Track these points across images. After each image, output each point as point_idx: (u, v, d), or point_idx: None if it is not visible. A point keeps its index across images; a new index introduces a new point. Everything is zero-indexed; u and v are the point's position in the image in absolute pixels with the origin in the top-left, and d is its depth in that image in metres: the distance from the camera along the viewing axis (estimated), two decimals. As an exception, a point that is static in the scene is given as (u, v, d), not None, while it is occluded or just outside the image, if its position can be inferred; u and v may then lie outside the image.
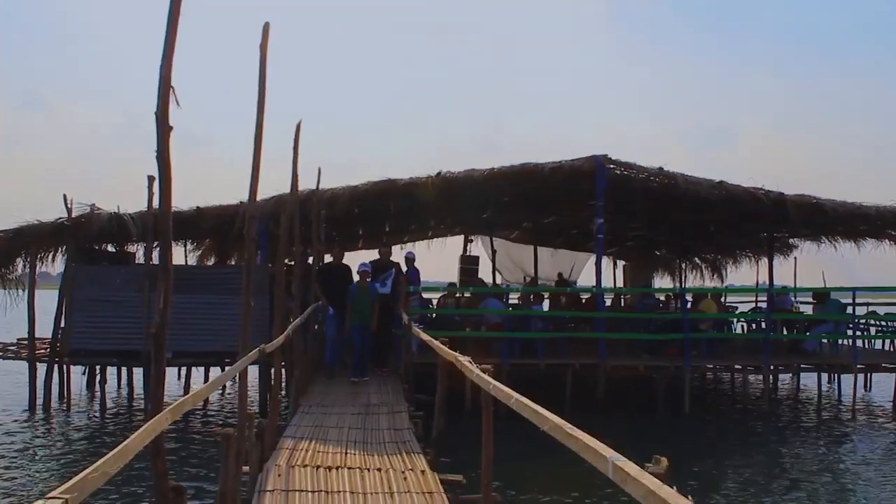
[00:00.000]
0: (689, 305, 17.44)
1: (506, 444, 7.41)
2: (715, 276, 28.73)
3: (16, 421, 14.81)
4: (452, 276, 23.94)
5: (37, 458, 11.99)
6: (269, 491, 6.22)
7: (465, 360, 5.56)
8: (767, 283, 20.94)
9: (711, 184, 15.89)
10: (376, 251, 16.48)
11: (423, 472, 6.80)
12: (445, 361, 6.97)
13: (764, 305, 20.45)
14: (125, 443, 2.88)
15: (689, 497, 1.94)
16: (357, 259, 18.60)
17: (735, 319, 20.84)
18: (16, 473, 10.88)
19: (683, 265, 29.40)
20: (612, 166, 15.65)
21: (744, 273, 27.56)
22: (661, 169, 15.79)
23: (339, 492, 6.22)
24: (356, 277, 13.94)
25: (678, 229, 22.56)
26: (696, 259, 29.08)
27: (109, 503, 9.19)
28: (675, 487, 2.04)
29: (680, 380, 15.60)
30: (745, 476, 11.32)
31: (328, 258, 16.48)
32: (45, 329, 16.59)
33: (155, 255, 15.30)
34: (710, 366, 17.20)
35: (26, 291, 16.69)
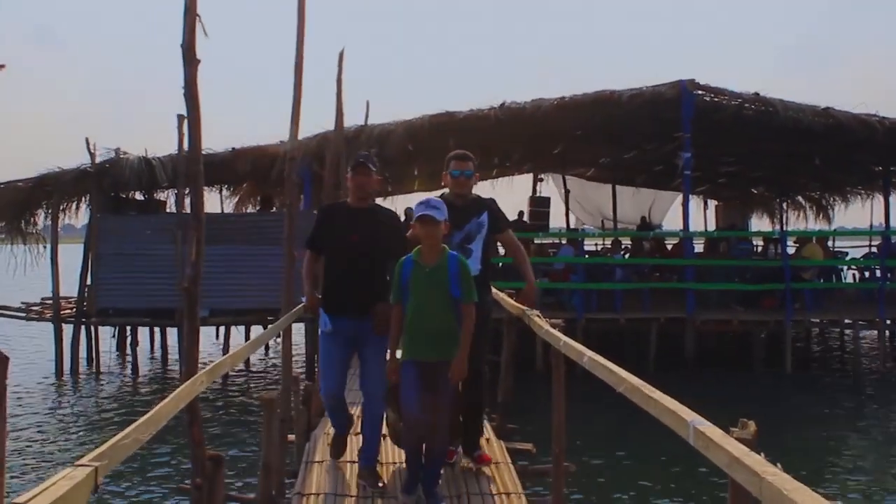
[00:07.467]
0: (790, 251, 17.14)
1: (583, 408, 7.38)
2: (821, 217, 28.15)
3: (42, 387, 15.28)
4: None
5: (66, 426, 12.36)
6: (318, 462, 6.14)
7: (533, 314, 5.50)
8: (883, 224, 20.47)
9: (816, 111, 15.51)
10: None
11: (487, 440, 6.78)
12: (512, 316, 6.89)
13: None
14: (157, 408, 2.92)
15: (779, 465, 1.90)
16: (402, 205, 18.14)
17: (845, 267, 20.42)
18: (45, 442, 11.25)
19: (784, 205, 28.84)
20: (699, 92, 15.37)
21: (855, 213, 26.95)
22: (756, 94, 15.44)
23: (395, 462, 6.13)
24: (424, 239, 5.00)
25: (778, 164, 22.09)
26: (799, 198, 28.49)
27: (146, 471, 9.48)
28: (763, 454, 2.00)
29: (780, 336, 15.40)
30: (852, 448, 11.12)
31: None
32: (70, 287, 16.94)
33: (187, 202, 15.38)
34: (816, 320, 16.92)
35: (48, 246, 17.00)
